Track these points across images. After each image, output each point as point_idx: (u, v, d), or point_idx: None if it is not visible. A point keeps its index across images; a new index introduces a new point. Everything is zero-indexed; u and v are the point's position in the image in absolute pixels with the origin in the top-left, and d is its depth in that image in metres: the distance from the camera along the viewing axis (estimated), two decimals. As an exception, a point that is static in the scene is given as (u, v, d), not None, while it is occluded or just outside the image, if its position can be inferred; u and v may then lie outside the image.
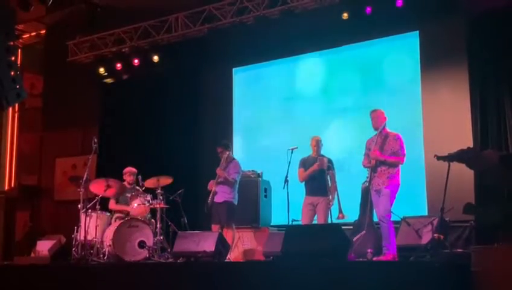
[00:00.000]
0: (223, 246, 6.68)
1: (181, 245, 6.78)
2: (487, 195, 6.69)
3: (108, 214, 7.70)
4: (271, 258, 6.81)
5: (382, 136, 6.45)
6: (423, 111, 8.08)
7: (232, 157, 7.74)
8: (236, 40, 9.05)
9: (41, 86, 11.72)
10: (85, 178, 7.36)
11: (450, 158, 5.17)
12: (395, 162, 6.32)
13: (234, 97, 9.81)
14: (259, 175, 8.34)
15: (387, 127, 6.51)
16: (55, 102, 11.33)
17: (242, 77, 9.87)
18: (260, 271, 5.60)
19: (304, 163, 7.22)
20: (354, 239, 6.50)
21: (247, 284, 5.35)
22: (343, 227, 5.89)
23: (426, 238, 6.28)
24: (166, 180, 7.67)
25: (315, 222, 7.04)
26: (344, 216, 6.86)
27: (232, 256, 7.42)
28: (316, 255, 5.31)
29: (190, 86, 10.02)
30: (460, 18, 7.65)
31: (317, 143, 7.25)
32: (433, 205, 7.38)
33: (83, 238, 7.11)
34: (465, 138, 7.21)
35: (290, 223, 6.96)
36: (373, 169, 6.35)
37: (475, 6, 7.43)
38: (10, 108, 9.55)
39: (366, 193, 6.59)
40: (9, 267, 7.55)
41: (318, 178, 7.07)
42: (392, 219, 6.31)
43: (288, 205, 6.95)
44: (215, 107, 9.91)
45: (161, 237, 7.36)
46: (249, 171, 8.39)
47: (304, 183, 7.21)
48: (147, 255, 7.05)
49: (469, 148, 5.46)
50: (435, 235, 5.71)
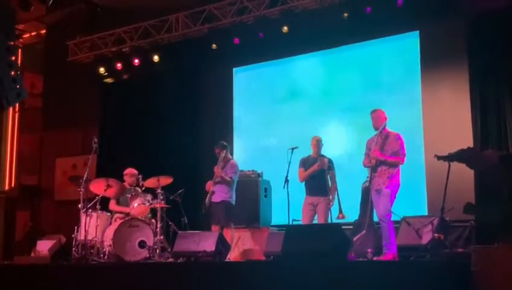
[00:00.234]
0: (223, 246, 6.67)
1: (181, 245, 6.78)
2: (487, 195, 6.66)
3: (108, 214, 7.70)
4: (271, 258, 6.81)
5: (383, 136, 6.44)
6: (423, 111, 8.07)
7: (230, 157, 7.73)
8: (236, 40, 9.05)
9: (41, 86, 11.73)
10: (85, 178, 7.36)
11: (450, 158, 5.17)
12: (395, 162, 6.32)
13: (234, 97, 9.80)
14: (259, 175, 8.34)
15: (387, 127, 6.51)
16: (55, 102, 11.34)
17: (242, 77, 9.87)
18: (260, 271, 5.59)
19: (304, 163, 7.21)
20: (354, 239, 6.51)
21: (247, 284, 5.34)
22: (343, 227, 5.89)
23: (426, 238, 6.27)
24: (166, 180, 7.66)
25: (315, 222, 7.04)
26: (344, 216, 6.85)
27: (232, 256, 7.42)
28: (316, 255, 5.30)
29: (190, 86, 10.02)
30: (460, 18, 7.66)
31: (317, 143, 7.24)
32: (433, 205, 7.38)
33: (83, 238, 7.10)
34: (465, 138, 7.21)
35: (290, 223, 6.97)
36: (373, 169, 6.34)
37: (475, 6, 7.44)
38: (10, 108, 9.54)
39: (366, 193, 6.58)
40: (9, 267, 7.53)
41: (318, 178, 7.07)
42: (392, 219, 6.30)
43: (288, 205, 6.95)
44: (215, 107, 9.91)
45: (161, 237, 7.35)
46: (249, 171, 8.39)
47: (304, 183, 7.20)
48: (147, 255, 7.04)
49: (469, 148, 5.48)
50: (435, 235, 5.70)
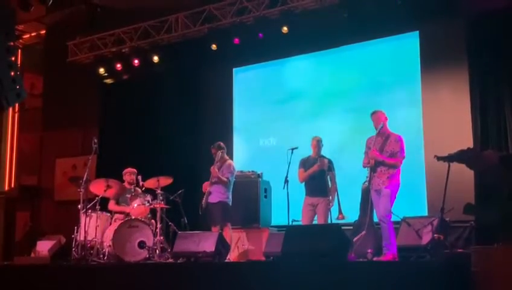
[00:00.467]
0: (223, 247, 6.68)
1: (181, 245, 6.78)
2: (487, 195, 6.66)
3: (108, 215, 7.70)
4: (271, 258, 6.80)
5: (384, 136, 6.44)
6: (423, 111, 8.07)
7: (226, 157, 7.73)
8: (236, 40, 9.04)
9: (41, 86, 11.74)
10: (85, 178, 7.36)
11: (450, 158, 5.16)
12: (393, 163, 6.31)
13: (234, 97, 9.80)
14: (259, 175, 8.32)
15: (389, 128, 6.51)
16: (55, 102, 11.34)
17: (242, 77, 9.87)
18: (260, 271, 5.59)
19: (304, 163, 7.20)
20: (354, 239, 6.51)
21: (247, 284, 5.34)
22: (343, 227, 5.89)
23: (426, 238, 6.25)
24: (166, 180, 7.66)
25: (315, 223, 7.04)
26: (344, 217, 6.85)
27: (232, 256, 7.42)
28: (316, 255, 5.30)
29: (190, 86, 10.02)
30: (460, 18, 7.66)
31: (317, 143, 7.23)
32: (433, 205, 7.37)
33: (83, 238, 7.10)
34: (465, 138, 7.21)
35: (290, 223, 6.96)
36: (373, 169, 6.34)
37: (475, 6, 7.44)
38: (10, 108, 9.54)
39: (366, 193, 6.58)
40: (9, 267, 7.54)
41: (318, 179, 7.06)
42: (392, 219, 6.30)
43: (288, 205, 6.94)
44: (215, 107, 9.91)
45: (161, 237, 7.34)
46: (249, 171, 8.39)
47: (304, 183, 7.20)
48: (147, 255, 7.04)
49: (469, 148, 5.46)
50: (435, 235, 5.70)
